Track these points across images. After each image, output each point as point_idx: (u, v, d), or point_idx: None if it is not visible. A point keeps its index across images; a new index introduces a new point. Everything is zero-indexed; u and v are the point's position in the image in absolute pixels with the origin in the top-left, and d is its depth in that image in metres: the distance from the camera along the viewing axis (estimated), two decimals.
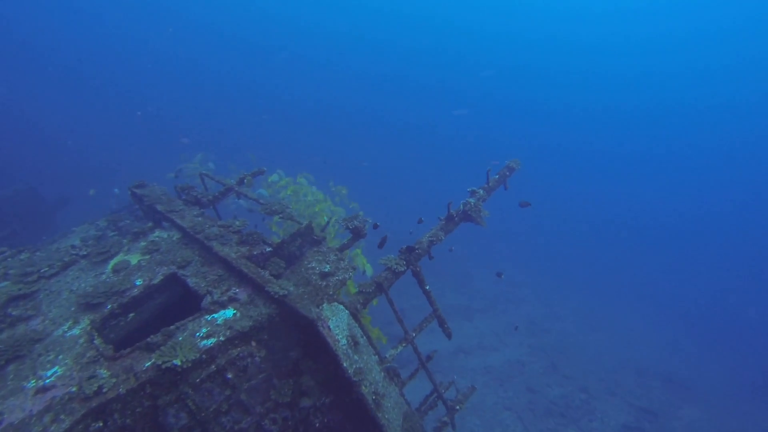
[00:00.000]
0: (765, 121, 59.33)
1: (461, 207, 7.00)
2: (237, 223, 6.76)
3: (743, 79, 61.46)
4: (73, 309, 5.51)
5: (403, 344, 6.36)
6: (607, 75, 69.41)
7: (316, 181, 11.12)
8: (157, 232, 6.98)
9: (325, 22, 72.29)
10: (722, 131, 60.80)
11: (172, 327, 5.01)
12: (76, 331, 5.14)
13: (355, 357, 5.30)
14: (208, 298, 5.46)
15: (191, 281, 5.82)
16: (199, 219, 6.92)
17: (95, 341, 4.92)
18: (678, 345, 26.25)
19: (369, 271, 7.43)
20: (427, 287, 6.59)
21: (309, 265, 6.33)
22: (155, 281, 5.94)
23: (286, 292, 5.22)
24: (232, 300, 5.45)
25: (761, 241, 42.37)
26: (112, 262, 6.41)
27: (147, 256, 6.43)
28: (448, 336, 6.93)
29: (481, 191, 7.36)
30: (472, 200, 7.13)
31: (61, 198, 18.21)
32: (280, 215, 6.83)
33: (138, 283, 5.89)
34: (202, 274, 5.93)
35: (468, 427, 16.79)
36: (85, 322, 5.28)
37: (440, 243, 6.72)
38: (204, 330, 5.00)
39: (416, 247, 6.59)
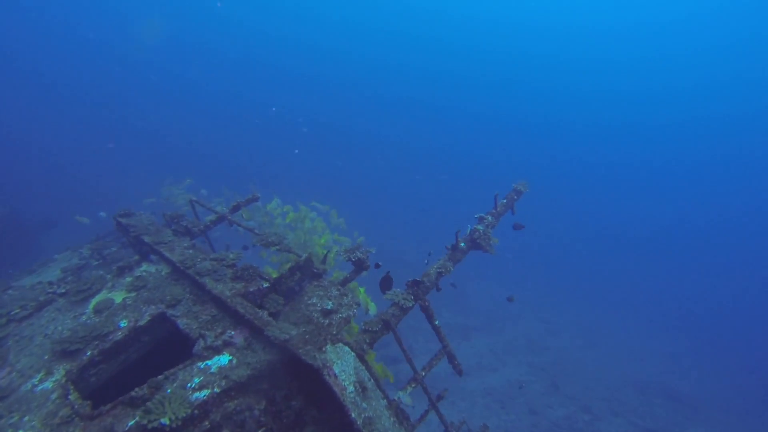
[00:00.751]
0: (761, 131, 60.20)
1: (468, 235, 6.63)
2: (231, 256, 6.30)
3: (739, 91, 62.43)
4: (46, 357, 4.98)
5: (413, 385, 5.90)
6: (602, 88, 70.35)
7: (315, 208, 10.68)
8: (144, 266, 6.49)
9: (320, 38, 72.57)
10: (720, 141, 61.60)
11: (159, 377, 4.51)
12: (48, 384, 4.61)
13: (364, 405, 4.84)
14: (201, 343, 4.98)
15: (182, 322, 5.34)
16: (190, 252, 6.45)
17: (70, 396, 4.40)
18: (676, 358, 25.99)
19: (372, 309, 6.99)
20: (437, 322, 6.17)
21: (309, 301, 5.89)
22: (142, 322, 5.44)
23: (287, 337, 4.76)
24: (228, 344, 4.97)
25: (759, 250, 42.68)
26: (93, 301, 5.90)
27: (133, 294, 5.93)
28: (459, 373, 6.49)
29: (489, 217, 7.01)
30: (480, 227, 6.77)
31: (45, 221, 17.53)
32: (277, 247, 6.39)
33: (122, 325, 5.39)
34: (193, 314, 5.45)
35: None
36: (60, 373, 4.75)
37: (448, 274, 6.33)
38: (196, 380, 4.51)
39: (424, 279, 6.18)
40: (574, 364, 23.14)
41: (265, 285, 5.87)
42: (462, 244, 6.67)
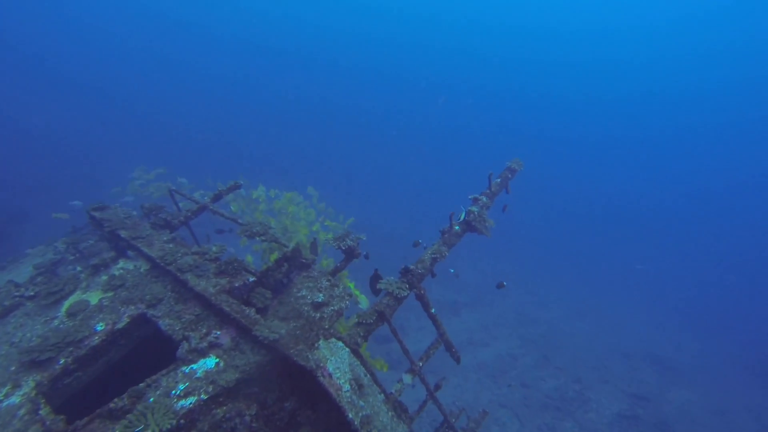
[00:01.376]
0: (754, 108, 60.19)
1: (462, 217, 6.36)
2: (214, 249, 5.94)
3: (734, 66, 62.00)
4: (13, 369, 4.63)
5: (412, 376, 5.72)
6: (589, 63, 69.63)
7: (304, 193, 10.25)
8: (121, 263, 6.10)
9: (307, 17, 70.16)
10: (712, 117, 61.62)
11: (141, 385, 4.22)
12: (15, 399, 4.28)
13: (361, 403, 4.63)
14: (185, 345, 4.67)
15: (164, 323, 5.01)
16: (170, 246, 6.07)
17: (41, 412, 4.08)
18: (661, 326, 26.65)
19: (364, 302, 6.74)
20: (433, 310, 5.95)
21: (299, 294, 5.60)
22: (120, 325, 5.10)
23: (277, 336, 4.48)
24: (214, 346, 4.68)
25: (739, 222, 43.58)
26: (66, 303, 5.52)
27: (110, 294, 5.56)
28: (457, 361, 6.34)
29: (484, 198, 6.73)
30: (475, 209, 6.50)
31: (16, 213, 16.75)
32: (263, 237, 6.04)
33: (99, 329, 5.04)
34: (176, 314, 5.12)
35: None
36: (29, 385, 4.41)
37: (444, 260, 6.08)
38: (181, 387, 4.23)
39: (417, 266, 5.93)
40: (563, 335, 23.53)
41: (251, 279, 5.56)
42: (456, 228, 6.40)
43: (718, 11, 59.09)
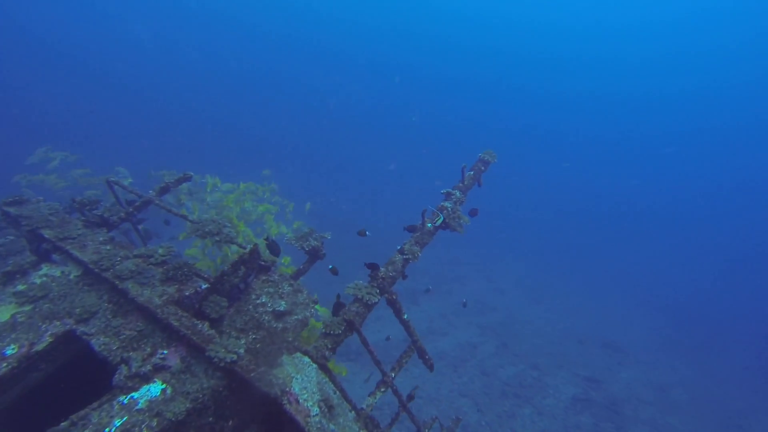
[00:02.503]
0: (735, 111, 62.52)
1: (439, 221, 5.94)
2: (160, 251, 5.20)
3: (731, 67, 63.76)
4: None
5: (382, 389, 5.30)
6: (586, 60, 70.21)
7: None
8: (44, 269, 5.21)
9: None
10: (705, 118, 63.17)
11: (64, 424, 3.52)
12: None
13: (332, 427, 4.15)
14: (124, 369, 3.98)
15: (97, 342, 4.27)
16: (107, 248, 5.25)
17: None
18: (611, 313, 27.97)
19: (321, 311, 6.22)
20: (405, 316, 5.53)
21: (258, 301, 5.01)
22: (40, 346, 4.30)
23: (234, 357, 3.89)
24: (159, 369, 4.02)
25: (689, 214, 46.29)
26: None
27: (27, 308, 4.71)
28: (430, 368, 5.99)
29: (457, 193, 6.35)
30: (448, 204, 6.11)
31: None
32: (217, 237, 5.35)
33: (9, 353, 4.22)
34: (113, 331, 4.39)
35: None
36: None
37: (416, 260, 5.66)
38: (117, 422, 3.56)
39: (388, 270, 5.47)
40: (520, 322, 24.10)
41: (204, 286, 4.89)
42: (429, 225, 5.99)
43: (723, 10, 60.54)
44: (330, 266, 5.65)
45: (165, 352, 4.18)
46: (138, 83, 43.14)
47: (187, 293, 4.75)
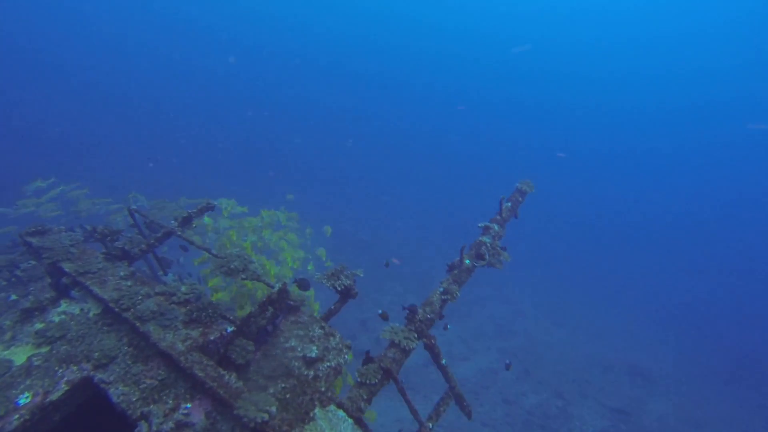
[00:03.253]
0: (740, 123, 61.32)
1: (473, 249, 5.54)
2: (183, 289, 4.89)
3: (733, 80, 62.85)
4: None
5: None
6: (592, 74, 69.82)
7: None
8: (63, 306, 4.94)
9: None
10: (698, 130, 62.28)
11: None
12: None
13: None
14: (144, 427, 3.64)
15: (116, 392, 3.94)
16: (128, 284, 4.97)
17: None
18: (636, 335, 26.89)
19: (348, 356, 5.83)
20: (444, 361, 5.11)
21: (287, 345, 4.65)
22: (55, 395, 3.98)
23: (266, 417, 3.51)
24: (182, 427, 3.66)
25: (713, 230, 44.87)
26: None
27: (44, 349, 4.42)
28: (468, 415, 5.53)
29: (495, 226, 5.96)
30: (487, 239, 5.71)
31: None
32: (243, 275, 5.03)
33: (22, 402, 3.91)
34: (133, 379, 4.06)
35: None
36: None
37: (455, 301, 5.26)
38: None
39: (426, 311, 5.08)
40: (542, 346, 23.26)
41: (230, 330, 4.55)
42: (467, 261, 5.59)
43: (722, 25, 59.87)
44: (380, 311, 5.27)
45: (188, 406, 3.82)
46: (148, 102, 43.88)
47: (212, 337, 4.42)
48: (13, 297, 6.73)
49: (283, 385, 4.24)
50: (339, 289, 5.00)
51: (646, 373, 22.02)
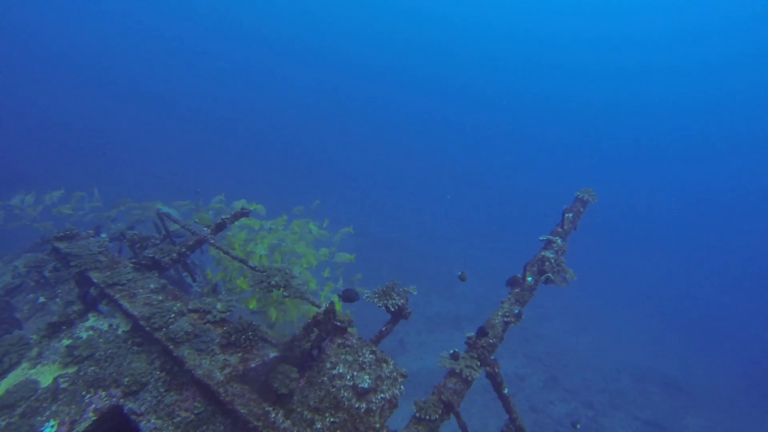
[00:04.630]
0: (751, 121, 59.13)
1: (537, 267, 4.96)
2: (219, 306, 4.43)
3: (733, 75, 60.63)
4: None
5: None
6: (586, 69, 68.08)
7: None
8: (91, 320, 4.54)
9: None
10: (714, 129, 60.41)
11: None
12: None
13: None
14: None
15: (147, 426, 3.50)
16: (159, 298, 4.54)
17: None
18: (664, 342, 25.86)
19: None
20: (506, 391, 4.57)
21: (335, 372, 4.15)
22: (81, 427, 3.56)
23: None
24: None
25: (738, 237, 43.13)
26: (2, 385, 3.95)
27: (71, 369, 4.02)
28: None
29: (559, 241, 5.36)
30: (550, 254, 5.11)
31: None
32: (285, 292, 4.55)
33: None
34: (166, 411, 3.62)
35: None
36: None
37: (518, 323, 4.69)
38: None
39: (489, 336, 4.53)
40: (569, 351, 22.49)
41: (273, 355, 4.08)
42: (530, 279, 5.02)
43: (735, 18, 57.48)
44: (459, 273, 4.80)
45: None
46: (167, 100, 43.94)
47: (252, 364, 3.94)
48: (41, 299, 6.41)
49: (332, 420, 3.75)
50: (392, 309, 4.48)
51: (680, 385, 21.08)
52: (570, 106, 66.68)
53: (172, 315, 4.25)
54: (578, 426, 6.33)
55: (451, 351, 4.39)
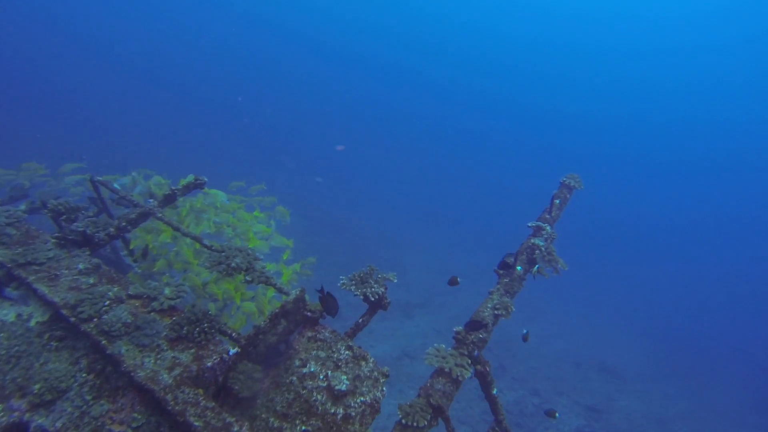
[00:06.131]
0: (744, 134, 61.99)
1: (526, 255, 4.59)
2: (167, 291, 3.65)
3: (732, 93, 63.14)
4: None
5: None
6: (589, 80, 69.16)
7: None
8: None
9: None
10: (702, 141, 62.76)
11: None
12: None
13: None
14: None
15: None
16: (89, 281, 3.67)
17: None
18: (605, 334, 27.34)
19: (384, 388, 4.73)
20: (495, 391, 4.17)
21: (305, 371, 3.54)
22: None
23: None
24: None
25: (688, 236, 46.19)
26: None
27: None
28: None
29: (548, 228, 5.01)
30: (540, 242, 4.76)
31: None
32: (248, 276, 3.84)
33: None
34: (92, 426, 2.84)
35: None
36: None
37: (509, 317, 4.31)
38: None
39: (480, 325, 4.10)
40: (516, 340, 23.05)
41: (233, 351, 3.38)
42: (519, 268, 4.64)
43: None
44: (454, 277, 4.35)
45: None
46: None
47: (209, 363, 3.24)
48: None
49: (303, 428, 3.16)
50: (372, 299, 3.91)
51: (614, 371, 22.35)
52: (558, 113, 67.89)
53: (107, 302, 3.42)
54: (556, 415, 6.17)
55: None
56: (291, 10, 62.90)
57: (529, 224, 5.00)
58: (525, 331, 6.24)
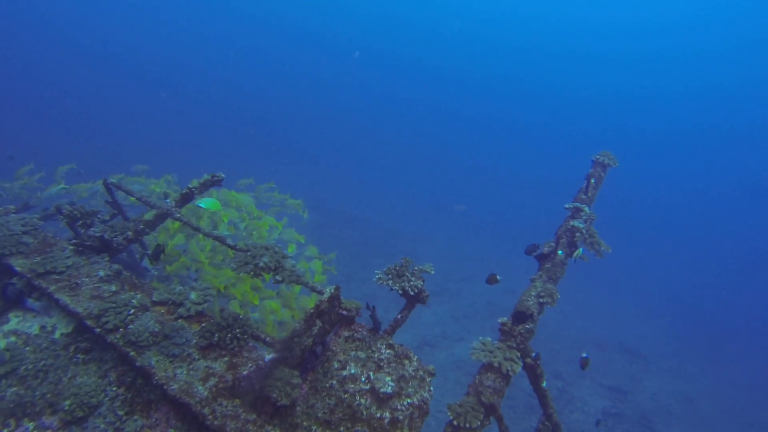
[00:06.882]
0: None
1: (579, 253, 4.32)
2: (192, 296, 3.44)
3: (736, 65, 61.37)
4: None
5: None
6: (597, 58, 67.68)
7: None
8: (13, 321, 3.42)
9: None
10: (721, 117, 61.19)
11: None
12: None
13: None
14: None
15: None
16: (112, 289, 3.48)
17: None
18: (622, 311, 26.98)
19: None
20: (544, 384, 3.94)
21: (345, 374, 3.33)
22: None
23: None
24: None
25: (706, 217, 45.24)
26: None
27: None
28: None
29: (587, 209, 4.72)
30: (579, 224, 4.47)
31: None
32: (277, 275, 3.62)
33: None
34: None
35: None
36: None
37: (554, 305, 4.06)
38: None
39: (526, 316, 3.85)
40: (536, 325, 22.88)
41: (269, 357, 3.17)
42: (560, 252, 4.37)
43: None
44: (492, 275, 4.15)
45: None
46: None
47: (244, 371, 3.03)
48: None
49: None
50: (412, 293, 3.68)
51: (637, 351, 22.06)
52: (574, 96, 66.56)
53: (132, 311, 3.22)
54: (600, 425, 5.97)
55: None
56: (292, 6, 62.23)
57: (567, 206, 4.71)
58: (585, 354, 5.94)
